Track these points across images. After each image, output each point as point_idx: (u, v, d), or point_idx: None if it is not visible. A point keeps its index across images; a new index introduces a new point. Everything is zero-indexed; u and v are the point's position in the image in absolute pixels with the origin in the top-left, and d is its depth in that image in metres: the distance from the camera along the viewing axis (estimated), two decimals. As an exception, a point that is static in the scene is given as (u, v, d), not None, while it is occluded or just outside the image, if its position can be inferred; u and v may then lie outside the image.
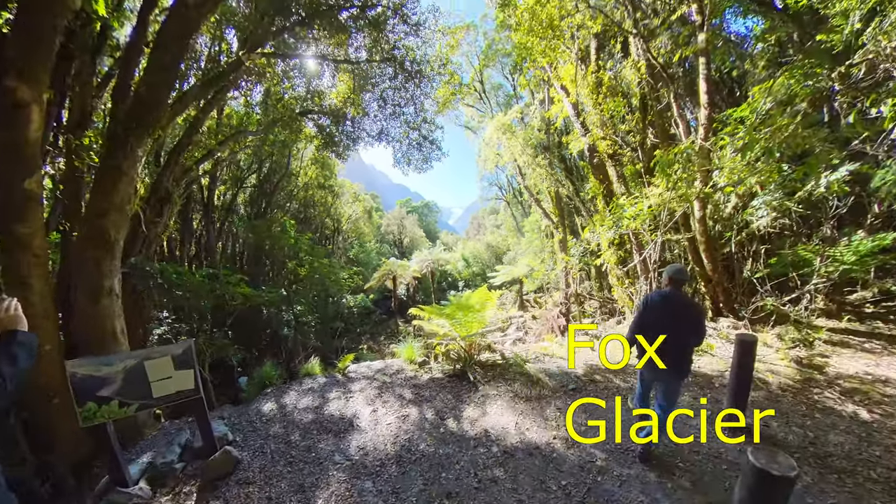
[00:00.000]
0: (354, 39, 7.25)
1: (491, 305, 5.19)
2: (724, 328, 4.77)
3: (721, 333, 4.66)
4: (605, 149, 8.01)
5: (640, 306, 2.58)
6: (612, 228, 7.27)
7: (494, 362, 4.54)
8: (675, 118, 5.58)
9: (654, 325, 2.43)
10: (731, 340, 4.49)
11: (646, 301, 2.54)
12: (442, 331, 4.93)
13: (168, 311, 4.90)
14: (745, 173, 3.98)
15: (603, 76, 6.75)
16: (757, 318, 4.66)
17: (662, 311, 2.43)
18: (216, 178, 9.22)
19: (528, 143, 13.60)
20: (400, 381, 4.28)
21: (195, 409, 3.13)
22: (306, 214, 16.17)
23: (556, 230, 15.51)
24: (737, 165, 4.17)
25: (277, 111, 7.09)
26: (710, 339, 4.70)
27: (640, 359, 2.55)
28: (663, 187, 5.88)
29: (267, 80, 6.28)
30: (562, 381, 4.04)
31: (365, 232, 25.58)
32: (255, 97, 7.05)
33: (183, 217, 8.02)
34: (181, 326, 4.72)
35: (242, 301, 6.54)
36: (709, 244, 5.15)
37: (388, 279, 18.99)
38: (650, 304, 2.51)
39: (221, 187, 11.32)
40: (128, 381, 2.87)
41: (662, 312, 2.43)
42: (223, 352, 5.12)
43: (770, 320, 4.46)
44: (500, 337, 12.17)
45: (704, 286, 5.26)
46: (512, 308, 17.36)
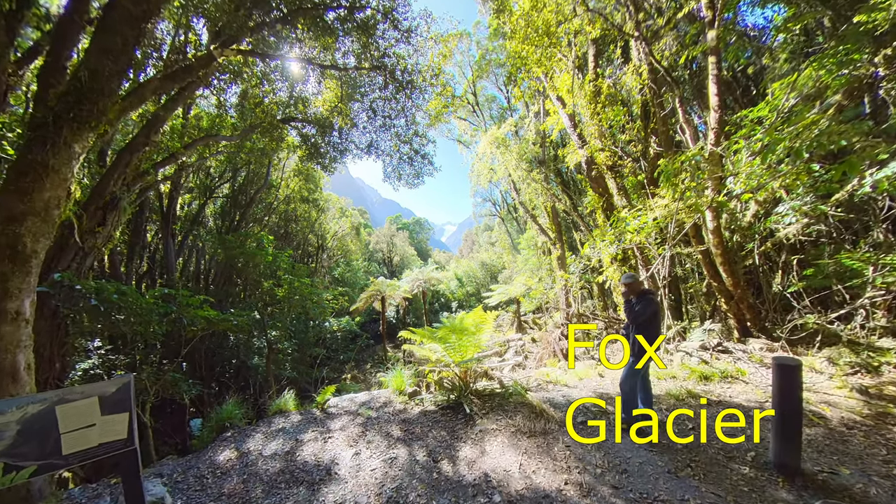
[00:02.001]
0: (342, 44, 7.18)
1: (487, 328, 4.97)
2: (756, 350, 4.38)
3: (753, 356, 4.26)
4: (604, 160, 8.00)
5: (652, 304, 3.06)
6: (614, 243, 7.11)
7: (492, 391, 4.30)
8: (680, 124, 5.54)
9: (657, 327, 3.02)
10: (767, 364, 4.12)
11: (655, 301, 3.07)
12: (434, 356, 4.72)
13: (102, 340, 4.18)
14: (766, 177, 3.80)
15: (601, 84, 6.81)
16: (797, 338, 4.29)
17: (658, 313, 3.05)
18: (180, 186, 8.67)
19: (523, 157, 13.75)
20: (387, 415, 4.00)
21: (124, 465, 2.48)
22: (287, 230, 15.57)
23: (553, 246, 15.42)
24: (755, 170, 4.00)
25: (256, 116, 6.78)
26: (739, 363, 4.29)
27: (640, 359, 3.00)
28: (669, 198, 5.77)
29: (244, 80, 6.02)
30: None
31: (352, 250, 25.00)
32: (230, 98, 6.77)
33: (134, 228, 7.33)
34: (118, 358, 4.01)
35: (204, 326, 5.82)
36: (726, 257, 4.90)
37: (377, 300, 18.22)
38: (657, 306, 3.04)
39: (186, 196, 10.74)
40: (25, 434, 2.22)
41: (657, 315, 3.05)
42: (173, 389, 4.37)
43: (815, 341, 4.09)
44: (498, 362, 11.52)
45: (725, 303, 4.94)
46: (509, 330, 16.78)
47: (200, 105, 8.20)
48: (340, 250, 22.55)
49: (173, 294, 5.19)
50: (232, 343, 7.93)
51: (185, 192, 10.25)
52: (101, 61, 3.19)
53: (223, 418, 4.45)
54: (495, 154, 14.15)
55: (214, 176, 11.01)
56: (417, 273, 20.18)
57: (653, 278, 7.22)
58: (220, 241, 7.95)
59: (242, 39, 4.93)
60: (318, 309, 11.17)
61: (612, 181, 8.16)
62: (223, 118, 6.95)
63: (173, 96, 4.45)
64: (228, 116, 7.04)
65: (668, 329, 6.04)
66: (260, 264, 9.43)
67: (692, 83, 5.99)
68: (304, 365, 10.18)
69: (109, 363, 3.87)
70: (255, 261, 9.05)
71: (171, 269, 7.82)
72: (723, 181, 4.72)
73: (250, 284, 9.01)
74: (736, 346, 4.48)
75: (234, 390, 5.43)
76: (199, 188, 10.52)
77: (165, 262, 7.88)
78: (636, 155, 7.53)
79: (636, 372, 3.16)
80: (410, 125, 11.08)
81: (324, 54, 7.32)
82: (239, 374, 7.83)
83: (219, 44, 4.63)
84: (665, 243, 6.29)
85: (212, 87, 5.54)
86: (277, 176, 13.89)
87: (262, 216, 13.49)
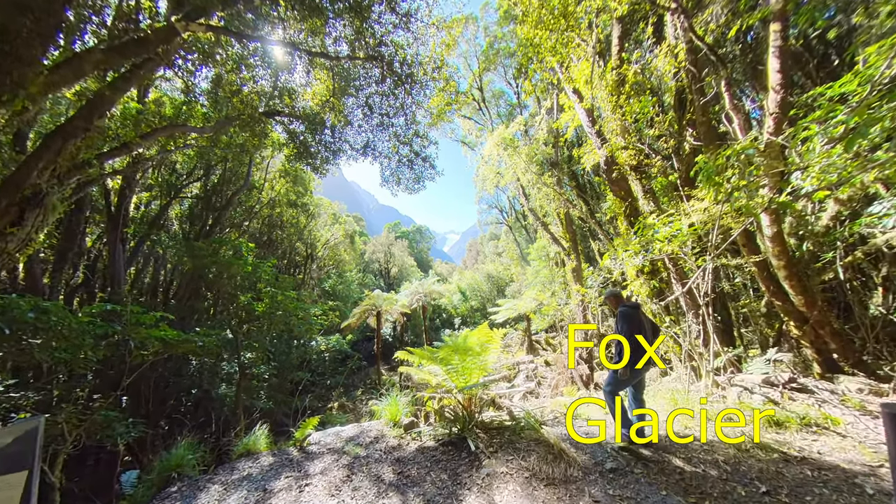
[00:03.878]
0: (333, 27, 6.82)
1: (494, 348, 4.69)
2: (853, 392, 3.62)
3: (849, 400, 3.51)
4: (627, 160, 7.54)
5: (626, 319, 3.21)
6: (639, 253, 6.62)
7: (501, 423, 4.00)
8: (726, 112, 5.02)
9: (641, 332, 3.19)
10: (872, 412, 3.38)
11: (629, 315, 3.23)
12: (434, 380, 4.49)
13: (3, 373, 3.56)
14: (853, 169, 3.20)
15: (626, 72, 6.35)
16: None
17: (642, 320, 3.25)
18: (135, 182, 8.10)
19: (533, 159, 13.37)
20: (379, 453, 3.70)
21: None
22: (271, 236, 15.05)
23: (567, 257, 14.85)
24: (834, 161, 3.41)
25: (233, 106, 6.36)
26: (827, 408, 3.56)
27: (640, 360, 3.16)
28: (710, 200, 5.30)
29: (217, 63, 5.61)
30: (594, 454, 3.27)
31: (345, 260, 24.49)
32: (200, 83, 6.39)
33: (67, 230, 6.76)
34: (23, 396, 3.37)
35: (159, 349, 5.18)
36: (793, 269, 4.25)
37: (371, 316, 17.56)
38: (633, 316, 3.23)
39: (144, 195, 10.12)
40: None
41: (642, 321, 3.24)
42: (104, 432, 3.71)
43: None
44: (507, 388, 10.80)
45: (797, 327, 4.23)
46: (519, 351, 16.12)
47: (162, 89, 7.81)
48: (332, 260, 22.03)
49: (119, 311, 4.59)
50: (194, 369, 7.23)
51: (143, 191, 9.69)
52: (15, 18, 2.70)
53: (170, 467, 3.87)
54: (503, 156, 13.82)
55: (181, 173, 10.47)
56: (417, 286, 19.64)
57: (690, 294, 6.58)
58: (188, 248, 7.41)
59: (212, 13, 4.52)
60: (305, 326, 10.51)
61: (637, 183, 7.68)
62: (192, 106, 6.53)
63: (124, 74, 3.99)
64: (199, 105, 6.63)
65: (715, 357, 5.34)
66: (237, 275, 8.85)
67: (744, 60, 5.48)
68: (282, 393, 9.41)
69: (9, 403, 3.23)
70: (231, 271, 8.47)
71: (119, 281, 7.17)
72: (784, 177, 4.14)
73: (223, 299, 8.42)
74: (819, 384, 3.75)
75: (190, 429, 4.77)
76: (162, 186, 9.92)
77: (111, 271, 7.20)
78: (667, 152, 7.01)
79: (620, 382, 3.28)
80: (410, 124, 10.76)
81: (312, 39, 6.96)
82: (199, 407, 7.08)
83: (182, 16, 4.20)
84: (706, 253, 5.74)
85: (176, 69, 5.14)
86: (260, 176, 13.44)
87: (240, 221, 12.94)
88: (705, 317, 5.78)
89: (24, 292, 5.03)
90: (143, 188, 9.56)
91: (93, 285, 7.75)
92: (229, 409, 6.77)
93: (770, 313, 4.79)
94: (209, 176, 11.04)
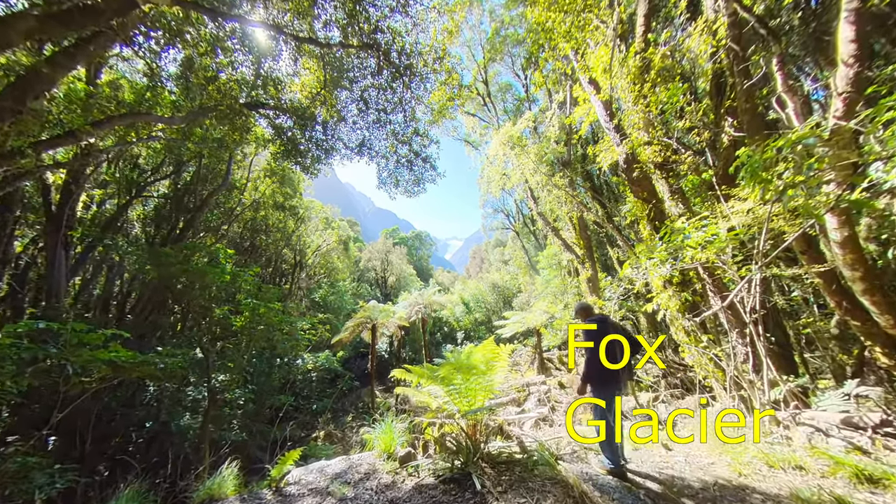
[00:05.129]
0: (322, 10, 6.45)
1: (501, 366, 4.41)
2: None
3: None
4: (651, 157, 7.14)
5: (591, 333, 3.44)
6: (666, 261, 6.18)
7: (511, 456, 3.71)
8: (778, 95, 4.55)
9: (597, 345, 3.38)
10: None
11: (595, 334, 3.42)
12: (435, 403, 4.28)
13: None
14: (961, 156, 2.69)
15: (653, 55, 5.94)
16: None
17: (606, 332, 3.42)
18: (83, 178, 7.42)
19: (543, 158, 13.03)
20: (368, 493, 3.33)
21: None
22: (254, 242, 14.56)
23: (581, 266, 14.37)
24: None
25: (209, 95, 5.94)
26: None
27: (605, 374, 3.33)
28: (756, 199, 4.86)
29: (187, 44, 5.21)
30: (623, 501, 2.93)
31: (338, 268, 24.02)
32: (168, 66, 5.97)
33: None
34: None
35: (106, 374, 4.63)
36: (873, 282, 3.70)
37: (366, 330, 16.98)
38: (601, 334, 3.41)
39: (97, 192, 9.54)
40: None
41: (604, 334, 3.41)
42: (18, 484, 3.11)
43: None
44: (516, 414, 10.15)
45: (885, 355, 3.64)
46: (529, 370, 15.48)
47: (120, 69, 7.38)
48: (324, 268, 21.53)
49: (55, 329, 4.06)
50: (150, 397, 6.61)
51: (95, 188, 9.15)
52: None
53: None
54: (509, 156, 13.48)
55: (145, 169, 9.90)
56: (416, 296, 19.14)
57: (733, 310, 6.03)
58: (152, 254, 6.89)
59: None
60: (290, 342, 9.94)
61: (663, 182, 7.27)
62: (158, 92, 6.10)
63: (67, 49, 3.57)
64: (166, 91, 6.22)
65: (771, 386, 4.73)
66: (212, 285, 8.33)
67: (804, 31, 5.00)
68: (260, 421, 8.75)
69: None
70: (205, 281, 7.95)
71: (58, 293, 6.51)
72: (859, 170, 3.64)
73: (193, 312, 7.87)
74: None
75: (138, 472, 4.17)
76: (120, 183, 9.29)
77: (48, 282, 6.56)
78: (700, 146, 6.56)
79: (601, 410, 3.33)
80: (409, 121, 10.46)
81: (299, 22, 6.59)
82: (153, 443, 6.38)
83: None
84: (751, 262, 5.25)
85: (136, 47, 4.73)
86: (242, 175, 12.95)
87: (218, 224, 12.36)
88: (754, 336, 5.20)
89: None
90: (96, 185, 9.01)
91: (21, 298, 7.14)
92: (191, 445, 6.13)
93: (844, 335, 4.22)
94: (180, 173, 10.50)
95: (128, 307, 9.19)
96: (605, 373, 3.30)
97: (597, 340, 3.35)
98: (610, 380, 3.33)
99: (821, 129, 3.94)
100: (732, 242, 5.40)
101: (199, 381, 7.34)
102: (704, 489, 3.24)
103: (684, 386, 7.51)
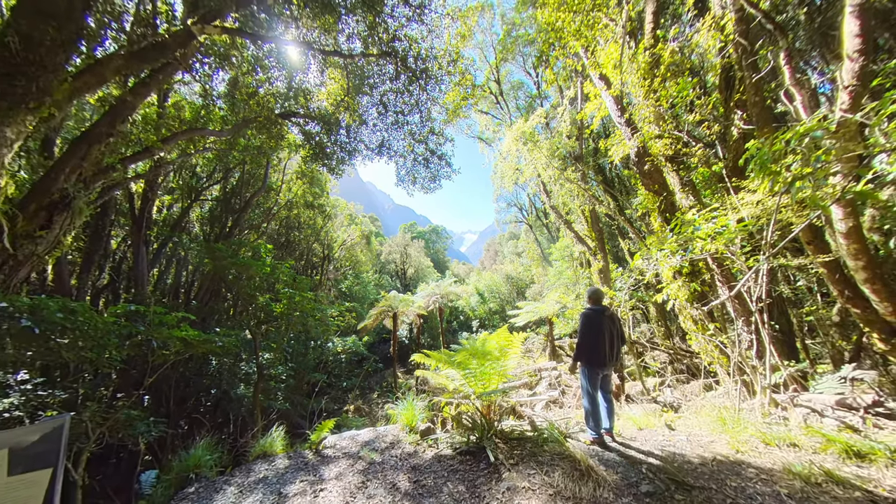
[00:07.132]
0: (345, 24, 6.83)
1: (514, 352, 4.57)
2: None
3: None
4: (662, 150, 7.05)
5: (583, 320, 3.71)
6: (676, 252, 6.16)
7: (522, 433, 3.92)
8: (786, 88, 4.49)
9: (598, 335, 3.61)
10: None
11: (587, 316, 3.69)
12: (451, 385, 4.49)
13: (32, 372, 3.76)
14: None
15: (662, 51, 5.90)
16: None
17: (602, 323, 3.63)
18: (157, 186, 8.44)
19: (555, 153, 12.93)
20: (394, 460, 3.67)
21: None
22: (289, 238, 15.47)
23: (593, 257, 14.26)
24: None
25: (250, 109, 6.50)
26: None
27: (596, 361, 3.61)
28: (765, 191, 4.82)
29: (233, 66, 5.74)
30: (626, 474, 3.05)
31: (361, 260, 24.86)
32: (218, 87, 6.57)
33: (94, 232, 7.17)
34: (51, 395, 3.55)
35: (180, 349, 5.36)
36: (875, 271, 3.71)
37: (388, 317, 17.66)
38: (592, 318, 3.69)
39: (166, 198, 10.61)
40: None
41: (602, 325, 3.62)
42: (126, 431, 3.85)
43: None
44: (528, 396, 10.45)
45: (881, 340, 3.68)
46: (541, 357, 15.64)
47: (181, 93, 8.14)
48: (349, 261, 22.41)
49: (142, 311, 4.76)
50: (213, 369, 7.46)
51: (165, 194, 10.19)
52: (38, 26, 2.80)
53: (188, 467, 3.93)
54: (522, 151, 13.45)
55: (201, 176, 10.90)
56: (434, 287, 19.56)
57: (740, 299, 6.03)
58: (208, 249, 7.70)
59: (227, 15, 4.59)
60: (322, 327, 10.66)
61: (674, 175, 7.16)
62: (210, 110, 6.75)
63: (144, 79, 4.13)
64: (216, 108, 6.85)
65: (773, 371, 4.81)
66: (255, 276, 9.10)
67: (810, 25, 4.88)
68: (299, 394, 9.57)
69: (38, 401, 3.41)
70: (250, 272, 8.71)
71: (142, 282, 7.57)
72: (864, 162, 3.63)
73: (242, 300, 8.71)
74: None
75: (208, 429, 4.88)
76: (183, 189, 10.38)
77: (135, 273, 7.60)
78: (710, 139, 6.46)
79: (587, 387, 3.61)
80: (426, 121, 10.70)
81: (325, 37, 7.01)
82: (218, 407, 7.32)
83: (198, 18, 4.29)
84: (759, 252, 5.22)
85: (194, 73, 5.30)
86: (277, 178, 13.82)
87: (259, 222, 13.37)
88: (759, 324, 5.22)
89: (52, 293, 5.35)
90: (165, 191, 10.06)
91: (118, 286, 8.24)
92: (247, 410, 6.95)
93: (845, 322, 4.23)
94: (228, 178, 11.45)
95: (192, 294, 10.29)
96: (593, 355, 3.59)
97: (590, 326, 3.62)
98: (595, 361, 3.60)
99: (828, 121, 3.91)
100: (741, 233, 5.35)
101: (249, 358, 8.16)
102: (703, 464, 3.32)
103: (690, 371, 7.57)
